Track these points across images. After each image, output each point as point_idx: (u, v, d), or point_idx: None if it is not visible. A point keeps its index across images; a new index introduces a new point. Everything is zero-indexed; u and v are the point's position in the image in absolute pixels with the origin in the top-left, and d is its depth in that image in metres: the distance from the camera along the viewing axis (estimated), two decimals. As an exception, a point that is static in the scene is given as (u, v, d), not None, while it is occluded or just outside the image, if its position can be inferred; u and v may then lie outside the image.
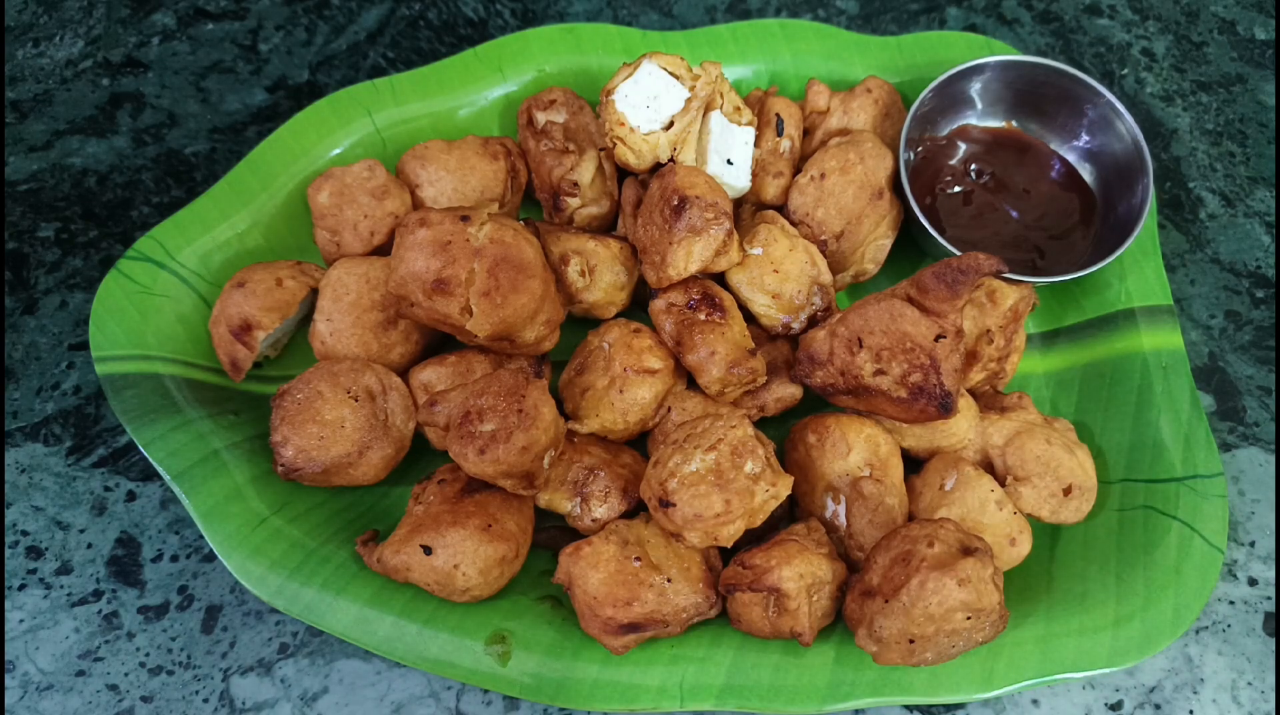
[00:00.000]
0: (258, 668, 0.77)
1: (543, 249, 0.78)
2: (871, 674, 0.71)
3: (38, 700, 0.75)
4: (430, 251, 0.70)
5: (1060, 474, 0.77)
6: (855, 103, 0.90)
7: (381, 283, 0.81)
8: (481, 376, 0.73)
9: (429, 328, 0.83)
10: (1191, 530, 0.77)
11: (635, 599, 0.69)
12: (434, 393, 0.76)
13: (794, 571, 0.68)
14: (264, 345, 0.83)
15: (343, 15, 1.09)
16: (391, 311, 0.81)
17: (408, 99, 0.93)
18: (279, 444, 0.75)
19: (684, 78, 0.81)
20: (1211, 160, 1.03)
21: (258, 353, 0.82)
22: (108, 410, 0.86)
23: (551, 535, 0.80)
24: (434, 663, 0.71)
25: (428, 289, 0.71)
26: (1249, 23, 1.12)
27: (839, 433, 0.76)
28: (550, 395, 0.71)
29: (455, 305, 0.71)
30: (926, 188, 0.91)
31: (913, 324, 0.71)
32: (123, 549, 0.81)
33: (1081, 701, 0.77)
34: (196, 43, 1.07)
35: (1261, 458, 0.87)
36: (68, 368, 0.88)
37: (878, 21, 1.11)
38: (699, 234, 0.76)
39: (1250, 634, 0.80)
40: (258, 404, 0.84)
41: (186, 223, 0.86)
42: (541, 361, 0.74)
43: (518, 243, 0.73)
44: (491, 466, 0.69)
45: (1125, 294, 0.87)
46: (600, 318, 0.85)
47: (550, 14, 1.10)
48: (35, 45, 1.06)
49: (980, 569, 0.63)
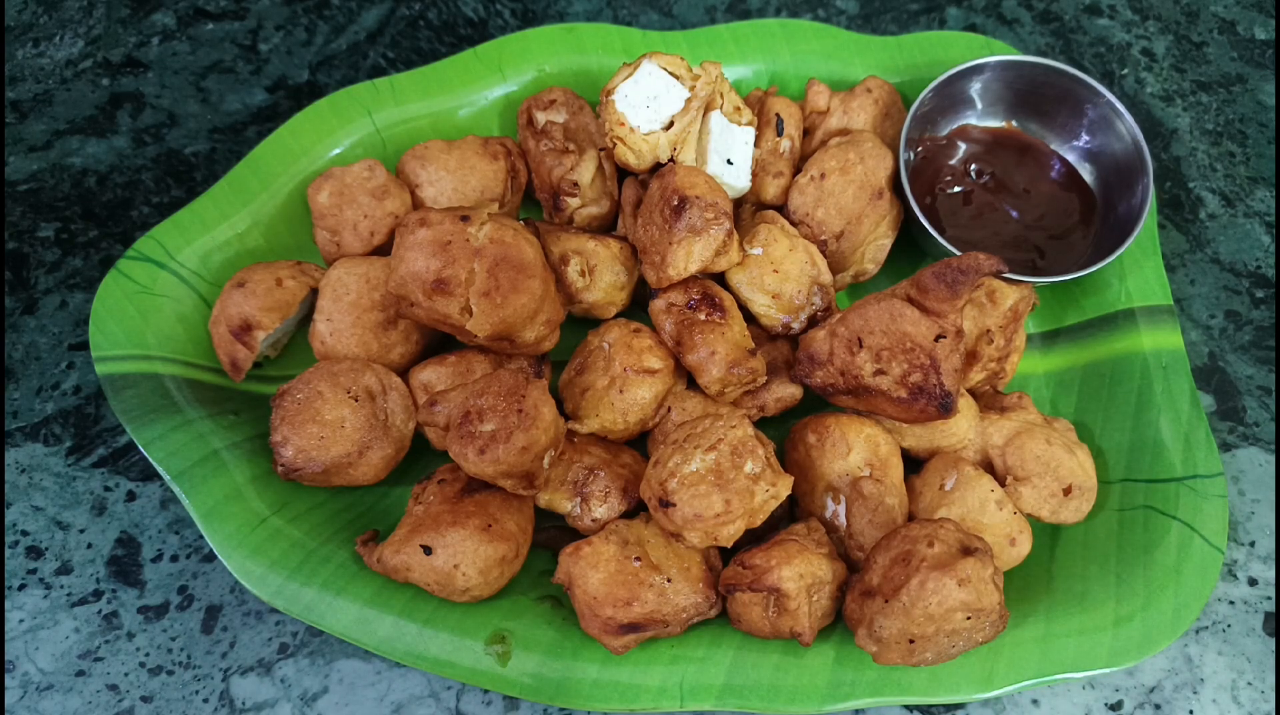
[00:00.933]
0: (258, 668, 0.77)
1: (543, 249, 0.78)
2: (871, 674, 0.71)
3: (38, 700, 0.75)
4: (430, 251, 0.70)
5: (1060, 474, 0.77)
6: (855, 103, 0.90)
7: (381, 283, 0.81)
8: (481, 376, 0.73)
9: (429, 328, 0.83)
10: (1191, 530, 0.77)
11: (635, 599, 0.69)
12: (434, 393, 0.76)
13: (794, 571, 0.68)
14: (264, 345, 0.83)
15: (343, 15, 1.09)
16: (391, 311, 0.81)
17: (408, 99, 0.93)
18: (279, 444, 0.75)
19: (684, 78, 0.81)
20: (1211, 160, 1.03)
21: (258, 353, 0.82)
22: (108, 410, 0.86)
23: (551, 535, 0.80)
24: (434, 663, 0.71)
25: (427, 289, 0.71)
26: (1249, 23, 1.12)
27: (839, 433, 0.76)
28: (550, 395, 0.71)
29: (455, 305, 0.71)
30: (926, 188, 0.91)
31: (913, 324, 0.71)
32: (123, 549, 0.81)
33: (1081, 701, 0.77)
34: (196, 43, 1.07)
35: (1261, 458, 0.87)
36: (68, 368, 0.88)
37: (878, 21, 1.11)
38: (699, 234, 0.76)
39: (1250, 634, 0.80)
40: (258, 404, 0.84)
41: (186, 223, 0.86)
42: (541, 361, 0.74)
43: (517, 243, 0.73)
44: (491, 466, 0.69)
45: (1125, 294, 0.87)
46: (600, 318, 0.85)
47: (550, 14, 1.10)
48: (35, 45, 1.06)
49: (980, 569, 0.63)
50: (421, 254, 0.71)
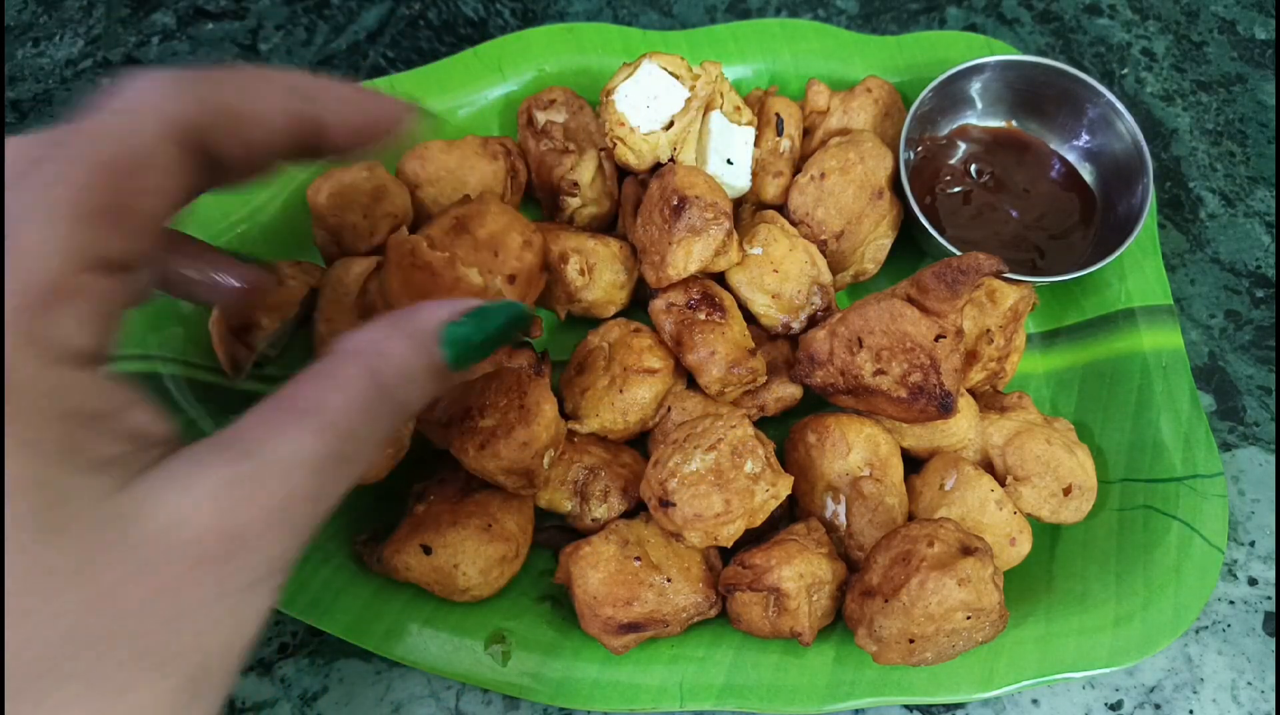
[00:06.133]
0: (257, 668, 0.77)
1: (543, 248, 0.78)
2: (871, 674, 0.71)
3: (38, 700, 0.75)
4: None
5: (1060, 474, 0.77)
6: (855, 102, 0.90)
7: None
8: (482, 375, 0.73)
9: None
10: (1191, 530, 0.77)
11: (635, 599, 0.69)
12: (434, 392, 0.76)
13: (794, 571, 0.68)
14: (264, 345, 0.83)
15: (343, 15, 1.09)
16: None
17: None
18: (279, 444, 0.75)
19: (684, 78, 0.81)
20: (1211, 160, 1.03)
21: (258, 353, 0.82)
22: (108, 410, 0.86)
23: (551, 535, 0.80)
24: (434, 662, 0.71)
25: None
26: (1249, 23, 1.12)
27: (839, 433, 0.76)
28: (551, 393, 0.71)
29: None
30: (926, 187, 0.91)
31: (913, 324, 0.71)
32: (123, 549, 0.81)
33: (1081, 701, 0.77)
34: (196, 43, 1.07)
35: (1261, 458, 0.87)
36: (68, 368, 0.88)
37: (878, 21, 1.11)
38: (699, 234, 0.76)
39: (1250, 634, 0.80)
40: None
41: (186, 223, 0.86)
42: (542, 360, 0.74)
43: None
44: (491, 462, 0.69)
45: (1125, 294, 0.87)
46: (600, 317, 0.85)
47: (550, 14, 1.10)
48: (35, 45, 1.05)
49: (980, 569, 0.63)
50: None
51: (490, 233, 0.71)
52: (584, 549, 0.70)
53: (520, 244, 0.72)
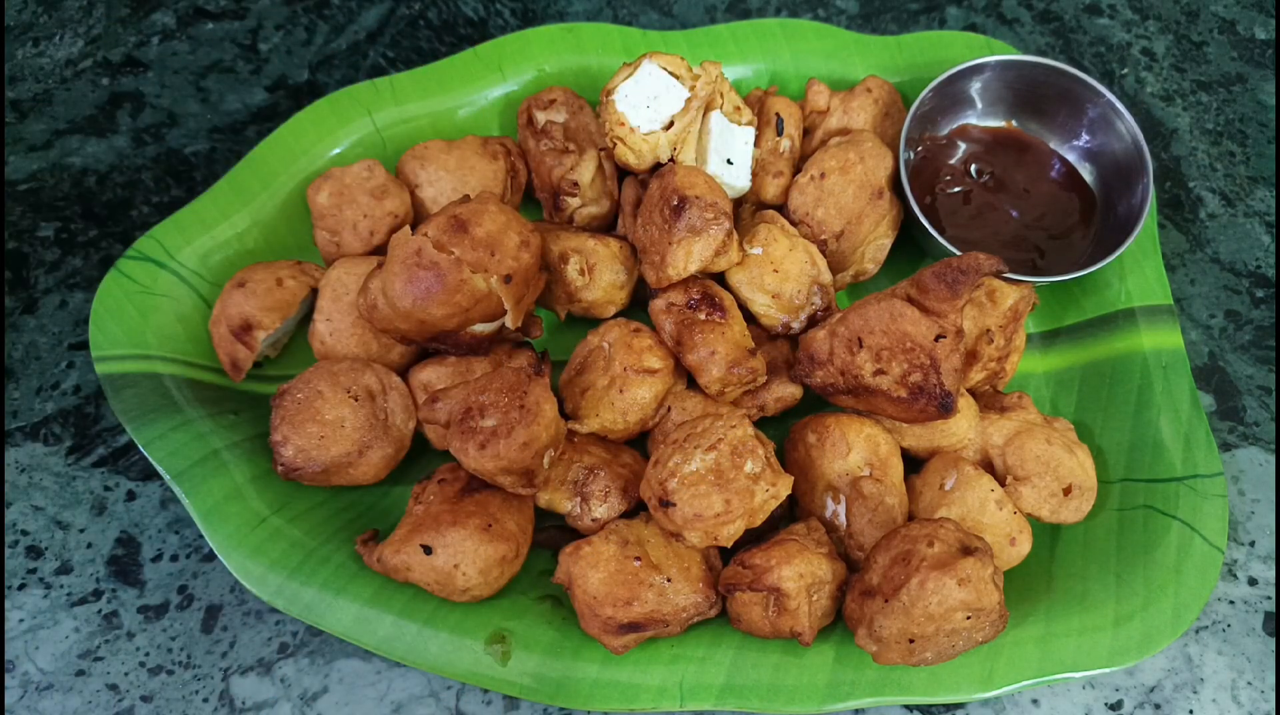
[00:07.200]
0: (258, 667, 0.77)
1: (542, 247, 0.78)
2: (871, 674, 0.71)
3: (38, 700, 0.75)
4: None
5: (1060, 474, 0.77)
6: (855, 102, 0.90)
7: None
8: (483, 375, 0.73)
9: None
10: (1191, 530, 0.77)
11: (635, 599, 0.69)
12: (435, 390, 0.76)
13: (794, 571, 0.68)
14: (264, 345, 0.83)
15: (343, 15, 1.09)
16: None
17: (408, 99, 0.93)
18: (279, 443, 0.75)
19: (684, 78, 0.81)
20: (1211, 160, 1.03)
21: (258, 353, 0.82)
22: (107, 410, 0.86)
23: (551, 535, 0.80)
24: (434, 662, 0.71)
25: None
26: (1249, 23, 1.12)
27: (839, 433, 0.76)
28: (552, 393, 0.71)
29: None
30: (926, 187, 0.91)
31: (913, 324, 0.71)
32: (123, 549, 0.81)
33: (1081, 701, 0.77)
34: (196, 42, 1.07)
35: (1261, 458, 0.87)
36: (68, 367, 0.88)
37: (878, 21, 1.11)
38: (699, 234, 0.76)
39: (1250, 634, 0.80)
40: (258, 404, 0.84)
41: (186, 222, 0.86)
42: (542, 359, 0.74)
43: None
44: (491, 462, 0.69)
45: (1125, 294, 0.87)
46: (600, 317, 0.85)
47: (550, 14, 1.10)
48: (35, 45, 1.05)
49: (980, 569, 0.63)
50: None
51: (488, 232, 0.71)
52: (584, 549, 0.70)
53: (517, 244, 0.72)
